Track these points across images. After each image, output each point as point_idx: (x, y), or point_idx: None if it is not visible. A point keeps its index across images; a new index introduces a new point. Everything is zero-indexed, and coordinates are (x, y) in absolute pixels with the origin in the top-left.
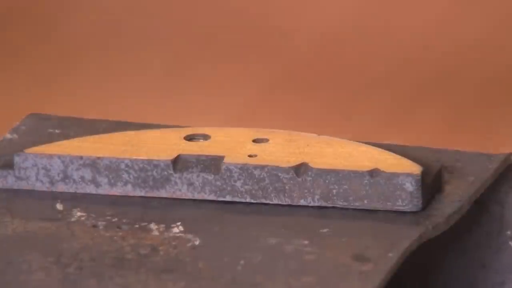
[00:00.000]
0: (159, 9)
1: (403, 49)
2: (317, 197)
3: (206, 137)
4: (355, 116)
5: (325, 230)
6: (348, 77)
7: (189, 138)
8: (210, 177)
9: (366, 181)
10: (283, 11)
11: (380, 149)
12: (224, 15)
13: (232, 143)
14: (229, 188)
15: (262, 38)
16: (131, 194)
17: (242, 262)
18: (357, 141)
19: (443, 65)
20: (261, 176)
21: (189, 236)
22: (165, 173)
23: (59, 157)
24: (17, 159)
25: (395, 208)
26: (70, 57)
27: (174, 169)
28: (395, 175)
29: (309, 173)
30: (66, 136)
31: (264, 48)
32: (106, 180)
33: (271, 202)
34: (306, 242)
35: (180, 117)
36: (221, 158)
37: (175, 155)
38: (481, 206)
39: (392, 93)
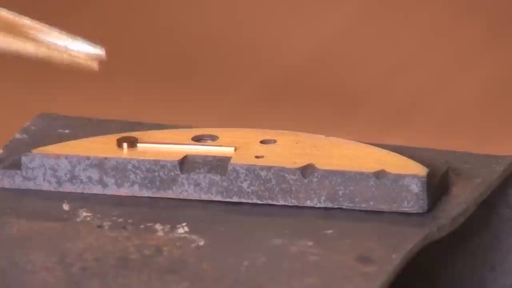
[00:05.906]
0: (168, 9)
1: (401, 52)
2: (323, 198)
3: (213, 138)
4: (361, 116)
5: (329, 231)
6: (350, 77)
7: (197, 138)
8: (217, 178)
9: (372, 182)
10: (287, 13)
11: (386, 151)
12: (229, 16)
13: (240, 144)
14: (235, 189)
15: (267, 39)
16: (138, 195)
17: (245, 263)
18: (363, 142)
19: (442, 66)
20: (268, 177)
21: (194, 236)
22: (172, 173)
23: (66, 157)
24: (24, 159)
25: (401, 209)
26: None
27: (181, 169)
28: (400, 176)
29: (315, 174)
30: (76, 137)
31: (269, 49)
32: (113, 180)
33: (277, 203)
34: (310, 243)
35: (190, 118)
36: (228, 159)
37: (182, 156)
38: (489, 208)
39: (395, 93)
